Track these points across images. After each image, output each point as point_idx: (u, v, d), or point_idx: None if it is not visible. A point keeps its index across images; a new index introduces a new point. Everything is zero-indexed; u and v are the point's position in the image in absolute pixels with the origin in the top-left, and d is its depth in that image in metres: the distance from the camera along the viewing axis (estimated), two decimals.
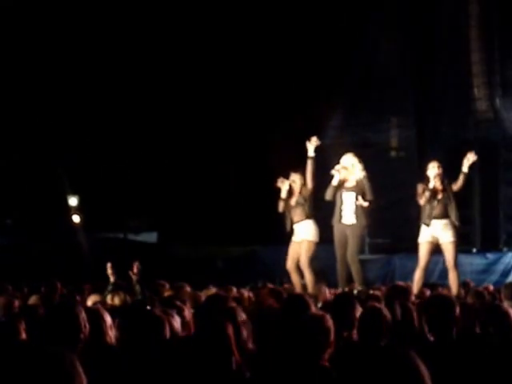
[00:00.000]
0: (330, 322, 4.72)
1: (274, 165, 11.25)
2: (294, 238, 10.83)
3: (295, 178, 10.84)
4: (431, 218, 10.19)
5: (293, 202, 10.79)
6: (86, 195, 20.06)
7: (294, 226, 10.82)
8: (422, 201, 10.28)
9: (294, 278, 10.78)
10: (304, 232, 10.75)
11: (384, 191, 14.92)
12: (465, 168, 10.30)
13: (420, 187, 10.36)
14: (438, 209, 10.21)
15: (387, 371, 2.89)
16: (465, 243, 19.61)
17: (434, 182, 10.16)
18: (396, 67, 20.79)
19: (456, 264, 10.24)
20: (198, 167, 20.31)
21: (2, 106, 18.48)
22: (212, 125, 20.09)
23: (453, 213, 10.29)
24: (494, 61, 20.68)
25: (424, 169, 10.51)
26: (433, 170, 10.24)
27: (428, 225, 10.20)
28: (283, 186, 10.80)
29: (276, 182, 10.88)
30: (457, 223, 10.32)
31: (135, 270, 8.76)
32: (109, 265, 9.35)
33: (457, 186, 10.32)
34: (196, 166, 20.33)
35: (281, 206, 10.84)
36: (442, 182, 10.27)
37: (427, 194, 10.18)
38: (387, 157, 21.89)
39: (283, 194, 10.78)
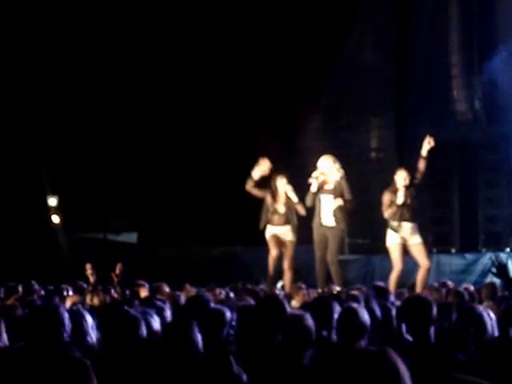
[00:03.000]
0: (311, 322, 4.73)
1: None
2: (271, 235, 10.85)
3: (282, 182, 10.84)
4: (399, 221, 10.21)
5: (280, 209, 10.83)
6: (65, 195, 19.98)
7: (272, 228, 10.85)
8: (386, 214, 10.27)
9: (288, 276, 10.81)
10: (287, 234, 10.82)
11: (364, 192, 14.97)
12: (424, 152, 10.29)
13: (387, 198, 10.30)
14: (406, 213, 10.22)
15: (367, 371, 2.90)
16: (444, 244, 19.75)
17: (403, 197, 10.13)
18: (376, 69, 20.86)
19: (430, 264, 10.34)
20: (179, 168, 20.27)
21: None
22: (194, 126, 20.07)
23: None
24: (473, 62, 20.79)
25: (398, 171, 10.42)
26: (402, 181, 10.21)
27: (396, 230, 10.23)
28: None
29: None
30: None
31: (117, 272, 8.73)
32: (88, 266, 9.32)
33: (419, 173, 10.30)
34: (177, 167, 20.29)
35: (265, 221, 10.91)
36: (409, 188, 10.25)
37: (394, 209, 10.18)
38: (367, 158, 21.96)
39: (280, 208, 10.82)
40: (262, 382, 4.49)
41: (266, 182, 11.01)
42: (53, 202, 20.39)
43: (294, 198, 10.76)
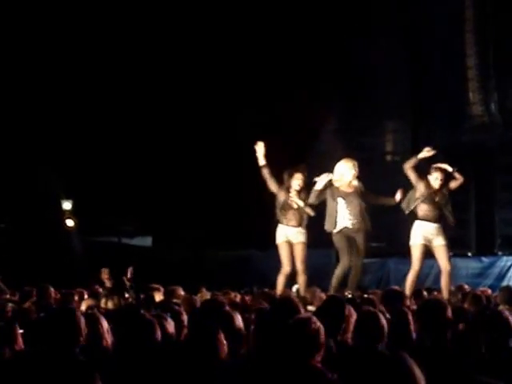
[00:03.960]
0: (317, 324, 4.70)
1: (272, 170, 11.16)
2: (284, 240, 10.76)
3: (300, 178, 10.74)
4: (423, 219, 10.17)
5: (293, 204, 10.72)
6: (80, 199, 20.02)
7: (287, 229, 10.75)
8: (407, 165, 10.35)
9: (302, 279, 10.71)
10: (300, 235, 10.74)
11: (379, 195, 14.86)
12: (444, 167, 10.35)
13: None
14: (433, 212, 10.17)
15: (383, 375, 2.88)
16: (460, 247, 19.64)
17: (435, 193, 10.13)
18: (391, 71, 20.80)
19: (451, 267, 10.25)
20: (195, 171, 20.26)
21: None
22: (206, 128, 20.07)
23: (449, 214, 10.26)
24: (489, 65, 20.72)
25: (427, 171, 10.40)
26: (436, 182, 10.20)
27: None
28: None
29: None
30: (453, 221, 10.28)
31: (129, 276, 8.75)
32: (105, 270, 9.34)
33: (455, 182, 10.32)
34: (192, 171, 20.29)
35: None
36: (442, 188, 10.22)
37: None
38: (383, 161, 21.89)
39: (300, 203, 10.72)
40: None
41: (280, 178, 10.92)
42: (67, 205, 20.42)
43: (300, 203, 10.64)
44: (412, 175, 10.32)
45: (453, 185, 10.32)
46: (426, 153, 10.35)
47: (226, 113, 19.85)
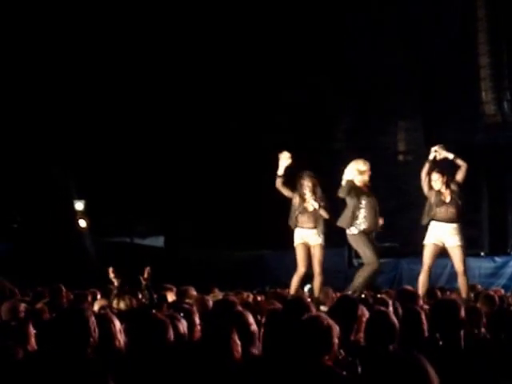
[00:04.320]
0: (329, 323, 4.68)
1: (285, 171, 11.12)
2: (301, 242, 10.70)
3: (310, 181, 10.69)
4: (437, 220, 10.09)
5: (309, 208, 10.65)
6: (92, 200, 20.06)
7: (303, 231, 10.69)
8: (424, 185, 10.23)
9: (319, 281, 10.65)
10: (317, 237, 10.67)
11: (392, 195, 14.89)
12: (449, 156, 10.24)
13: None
14: (445, 212, 10.08)
15: (397, 376, 2.87)
16: (473, 247, 19.58)
17: (441, 194, 10.07)
18: (404, 70, 20.77)
19: (465, 268, 10.15)
20: (207, 171, 20.28)
21: (6, 108, 18.49)
22: (222, 129, 20.09)
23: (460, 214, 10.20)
24: (502, 65, 20.67)
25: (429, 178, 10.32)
26: (436, 183, 10.10)
27: (424, 223, 10.16)
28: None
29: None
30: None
31: (146, 275, 8.70)
32: (111, 269, 9.30)
33: (460, 173, 10.21)
34: (204, 171, 20.31)
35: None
36: (448, 187, 10.13)
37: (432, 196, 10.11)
38: (395, 161, 21.86)
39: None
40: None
41: (294, 182, 10.86)
42: (79, 206, 20.46)
43: (316, 205, 10.58)
44: (426, 183, 10.20)
45: (459, 176, 10.15)
46: (434, 152, 10.25)
47: (234, 114, 19.88)
